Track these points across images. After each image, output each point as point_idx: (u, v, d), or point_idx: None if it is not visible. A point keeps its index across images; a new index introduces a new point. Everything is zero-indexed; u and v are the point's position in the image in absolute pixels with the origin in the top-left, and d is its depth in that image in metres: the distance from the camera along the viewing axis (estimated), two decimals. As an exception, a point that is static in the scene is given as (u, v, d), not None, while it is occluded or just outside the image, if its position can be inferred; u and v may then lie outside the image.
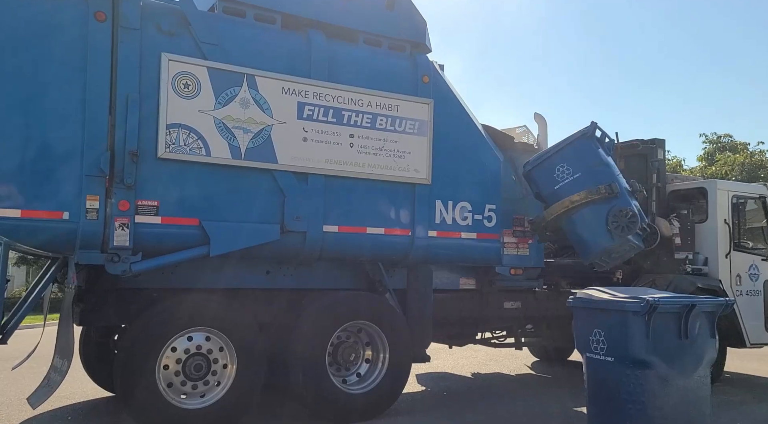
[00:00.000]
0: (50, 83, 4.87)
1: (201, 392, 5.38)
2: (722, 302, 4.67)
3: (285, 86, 5.77)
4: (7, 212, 4.68)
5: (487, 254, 6.97)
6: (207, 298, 5.51)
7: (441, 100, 6.63)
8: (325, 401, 5.81)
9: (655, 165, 9.30)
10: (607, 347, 4.50)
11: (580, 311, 4.84)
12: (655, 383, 4.30)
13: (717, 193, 9.20)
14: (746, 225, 9.55)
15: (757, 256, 9.36)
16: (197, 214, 5.37)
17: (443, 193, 6.62)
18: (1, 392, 7.41)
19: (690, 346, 4.44)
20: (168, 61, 5.25)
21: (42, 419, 6.15)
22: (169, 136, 5.23)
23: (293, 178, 5.79)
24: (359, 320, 6.09)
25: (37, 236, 4.85)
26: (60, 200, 4.85)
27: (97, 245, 4.99)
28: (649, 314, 4.26)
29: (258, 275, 6.11)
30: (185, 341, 5.34)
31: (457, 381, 8.62)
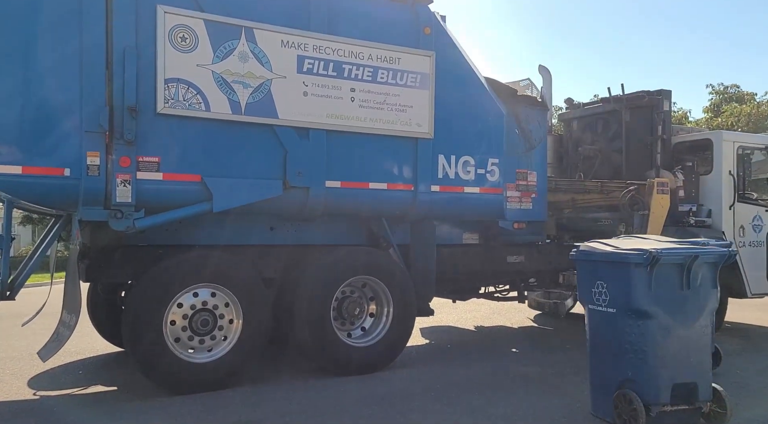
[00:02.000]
0: (46, 37, 4.78)
1: (208, 347, 5.46)
2: (725, 252, 4.63)
3: (284, 39, 5.67)
4: (8, 169, 4.67)
5: (490, 208, 6.96)
6: (212, 254, 5.53)
7: (443, 53, 6.51)
8: (330, 354, 5.89)
9: (661, 117, 9.20)
10: (609, 298, 4.52)
11: (583, 264, 4.84)
12: (656, 333, 4.32)
13: (723, 144, 9.10)
14: (751, 176, 9.51)
15: (762, 207, 9.34)
16: (199, 170, 5.35)
17: (446, 148, 6.56)
18: (13, 347, 7.57)
19: (692, 296, 4.44)
20: (164, 13, 5.15)
21: (54, 374, 6.28)
22: (168, 91, 5.16)
23: (294, 134, 5.74)
24: (363, 275, 6.13)
25: (39, 193, 4.86)
26: (61, 157, 4.82)
27: (99, 202, 4.98)
28: (652, 266, 4.26)
29: (262, 231, 6.12)
30: (191, 296, 5.39)
31: (461, 334, 8.73)
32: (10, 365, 6.64)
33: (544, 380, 5.89)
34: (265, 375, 5.92)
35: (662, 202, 8.08)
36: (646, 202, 8.06)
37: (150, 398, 5.26)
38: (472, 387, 5.60)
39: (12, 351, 7.32)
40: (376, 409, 4.95)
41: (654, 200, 8.02)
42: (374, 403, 5.10)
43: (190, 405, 5.02)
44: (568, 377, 5.94)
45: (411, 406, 5.04)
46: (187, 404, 5.05)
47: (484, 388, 5.58)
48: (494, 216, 7.12)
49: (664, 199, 8.12)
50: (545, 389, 5.58)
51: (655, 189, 8.03)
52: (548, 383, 5.78)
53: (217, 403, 5.10)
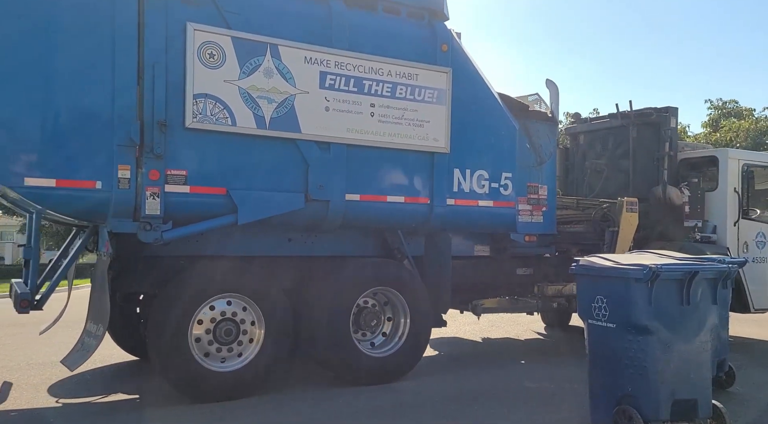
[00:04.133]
0: (80, 54, 4.91)
1: (231, 356, 5.56)
2: (725, 268, 4.62)
3: (307, 55, 5.81)
4: (43, 182, 4.79)
5: (503, 221, 7.10)
6: (234, 265, 5.65)
7: (459, 69, 6.66)
8: (349, 363, 6.00)
9: (668, 134, 9.37)
10: (609, 313, 4.49)
11: (583, 278, 4.81)
12: (656, 349, 4.30)
13: (728, 161, 9.28)
14: (753, 194, 9.67)
15: (765, 224, 9.50)
16: (224, 183, 5.47)
17: (461, 162, 6.70)
18: (32, 355, 7.66)
19: (692, 312, 4.42)
20: (193, 30, 5.29)
21: (72, 382, 6.35)
22: (196, 106, 5.30)
23: (316, 148, 5.87)
24: (381, 286, 6.25)
25: (71, 205, 4.97)
26: (92, 170, 4.94)
27: (129, 214, 5.10)
28: (652, 281, 4.25)
29: (280, 243, 6.23)
30: (215, 306, 5.50)
31: (466, 346, 8.82)
32: (30, 372, 6.71)
33: (545, 394, 5.91)
34: (276, 386, 5.97)
35: (631, 220, 8.20)
36: (617, 220, 8.23)
37: (172, 406, 5.36)
38: (475, 401, 5.63)
39: (30, 359, 7.41)
40: (382, 421, 5.07)
41: (623, 218, 8.16)
42: (383, 415, 5.22)
43: (209, 413, 5.14)
44: (569, 391, 5.92)
45: (416, 419, 5.14)
46: (206, 412, 5.16)
47: (487, 401, 5.61)
48: (507, 229, 7.25)
49: (633, 217, 8.24)
50: (546, 403, 5.59)
51: (624, 208, 8.18)
52: (549, 397, 5.79)
53: (225, 411, 5.21)
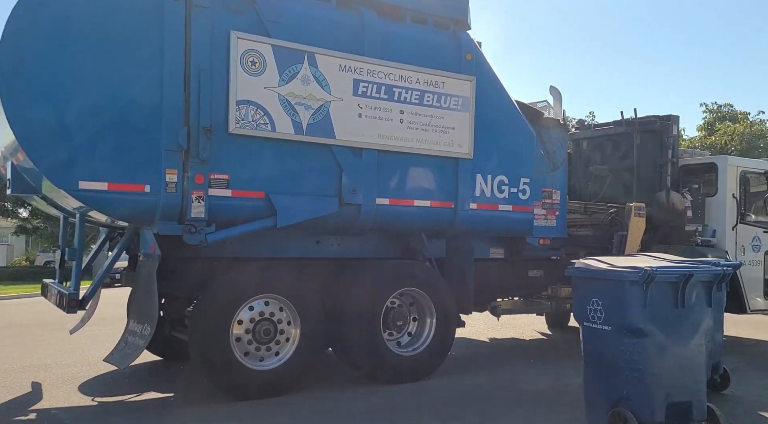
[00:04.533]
0: (132, 62, 5.04)
1: (270, 355, 5.71)
2: (719, 271, 4.61)
3: (342, 63, 5.99)
4: (96, 185, 4.90)
5: (521, 225, 7.34)
6: (272, 267, 5.81)
7: (482, 78, 6.89)
8: (380, 362, 6.18)
9: (670, 141, 9.68)
10: (605, 315, 4.47)
11: (579, 280, 4.77)
12: (652, 351, 4.28)
13: (727, 168, 9.64)
14: (749, 199, 10.04)
15: (760, 228, 9.88)
16: (263, 187, 5.63)
17: (483, 168, 6.93)
18: (61, 354, 7.81)
19: (687, 314, 4.42)
20: (237, 38, 5.43)
21: (101, 381, 6.49)
22: (239, 112, 5.44)
23: (349, 153, 6.05)
24: (410, 286, 6.44)
25: (121, 208, 5.09)
26: (142, 174, 5.07)
27: (175, 217, 5.24)
28: (647, 284, 4.24)
29: (309, 245, 6.40)
30: (254, 307, 5.65)
31: (472, 346, 8.97)
32: (60, 371, 6.80)
33: (542, 396, 5.91)
34: (316, 385, 6.09)
35: (639, 224, 8.55)
36: (625, 224, 8.55)
37: (206, 404, 5.51)
38: (473, 403, 5.67)
39: (60, 358, 7.52)
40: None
41: (632, 223, 8.51)
42: (380, 417, 5.29)
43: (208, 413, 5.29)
44: (565, 393, 5.89)
45: (413, 421, 5.21)
46: (239, 410, 5.31)
47: (484, 403, 5.64)
48: (523, 232, 7.48)
49: (641, 221, 8.60)
50: (543, 405, 5.60)
51: (633, 212, 8.53)
52: (546, 399, 5.78)
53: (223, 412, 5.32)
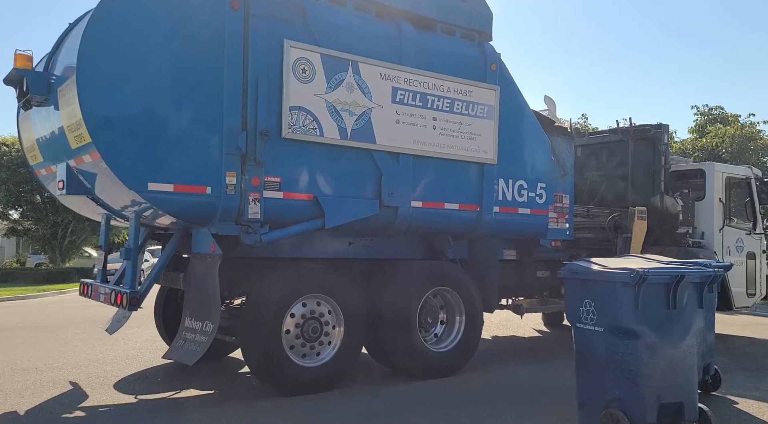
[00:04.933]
0: (196, 71, 5.23)
1: (317, 352, 5.93)
2: (710, 272, 4.64)
3: (382, 72, 6.26)
4: (163, 187, 5.08)
5: (537, 227, 7.72)
6: (317, 266, 6.03)
7: (505, 87, 7.25)
8: (414, 358, 6.45)
9: (663, 148, 10.26)
10: (597, 317, 4.48)
11: (571, 282, 4.77)
12: (643, 352, 4.29)
13: (714, 174, 10.29)
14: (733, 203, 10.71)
15: (742, 230, 10.54)
16: (311, 190, 5.86)
17: (505, 173, 7.29)
18: (95, 351, 8.02)
19: (678, 316, 4.43)
20: (290, 47, 5.66)
21: (134, 379, 6.64)
22: (291, 118, 5.66)
23: (388, 158, 6.33)
24: (443, 286, 6.74)
25: (184, 209, 5.26)
26: (204, 176, 5.26)
27: (233, 218, 5.43)
28: (639, 285, 4.25)
29: (342, 246, 6.64)
30: (301, 306, 5.86)
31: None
32: (95, 369, 6.90)
33: (535, 397, 5.96)
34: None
35: (642, 227, 9.12)
36: (629, 227, 9.08)
37: (248, 400, 5.67)
38: (466, 404, 5.66)
39: (95, 355, 7.66)
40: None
41: (635, 226, 9.06)
42: (373, 419, 5.24)
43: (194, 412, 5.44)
44: (559, 394, 5.86)
45: (405, 421, 5.22)
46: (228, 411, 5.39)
47: (478, 405, 5.63)
48: (539, 235, 7.86)
49: (643, 224, 9.16)
50: (536, 406, 5.60)
51: (636, 216, 9.07)
52: (539, 400, 5.81)
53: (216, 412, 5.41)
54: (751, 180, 10.81)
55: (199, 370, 6.61)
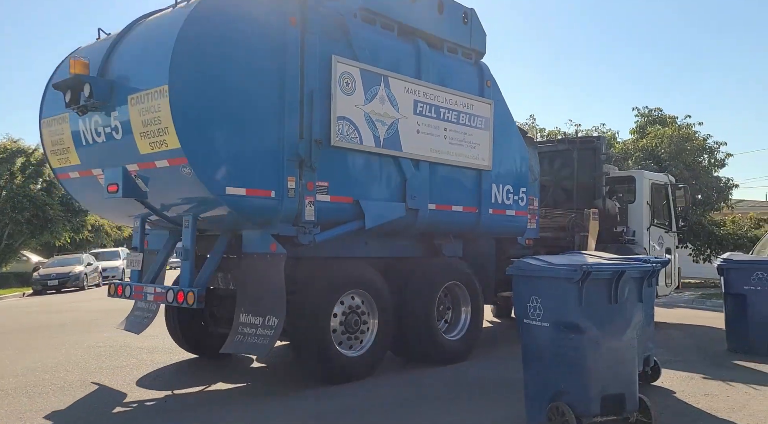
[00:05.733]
0: (265, 82, 5.60)
1: (357, 343, 6.43)
2: (649, 267, 4.77)
3: (406, 86, 6.87)
4: (238, 191, 5.40)
5: (519, 227, 8.62)
6: (356, 264, 6.53)
7: (497, 101, 8.09)
8: (434, 346, 7.09)
9: (602, 158, 11.58)
10: (543, 313, 4.54)
11: (519, 279, 4.82)
12: (587, 346, 4.37)
13: (643, 180, 11.79)
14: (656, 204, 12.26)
15: (661, 229, 12.13)
16: (353, 193, 6.36)
17: (497, 178, 8.12)
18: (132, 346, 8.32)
19: (620, 310, 4.53)
20: (336, 62, 6.13)
21: (157, 376, 6.89)
22: (338, 127, 6.14)
23: (411, 164, 6.94)
24: (455, 280, 7.44)
25: (254, 211, 5.60)
26: (269, 181, 5.63)
27: (291, 219, 5.83)
28: (583, 281, 4.31)
29: (361, 245, 7.14)
30: (345, 300, 6.34)
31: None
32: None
33: (487, 392, 6.03)
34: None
35: (595, 226, 10.40)
36: (585, 226, 10.31)
37: (281, 391, 6.05)
38: (423, 401, 5.73)
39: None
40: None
41: (591, 225, 10.31)
42: (326, 419, 5.24)
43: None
44: (510, 388, 5.97)
45: (362, 422, 5.19)
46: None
47: (433, 402, 5.70)
48: (518, 234, 8.77)
49: (596, 224, 10.46)
50: (487, 401, 5.68)
51: (591, 217, 10.33)
52: (490, 395, 5.89)
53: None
54: (668, 186, 12.45)
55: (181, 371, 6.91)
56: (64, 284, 21.13)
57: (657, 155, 19.80)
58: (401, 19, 7.03)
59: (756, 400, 5.63)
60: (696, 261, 19.78)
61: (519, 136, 8.60)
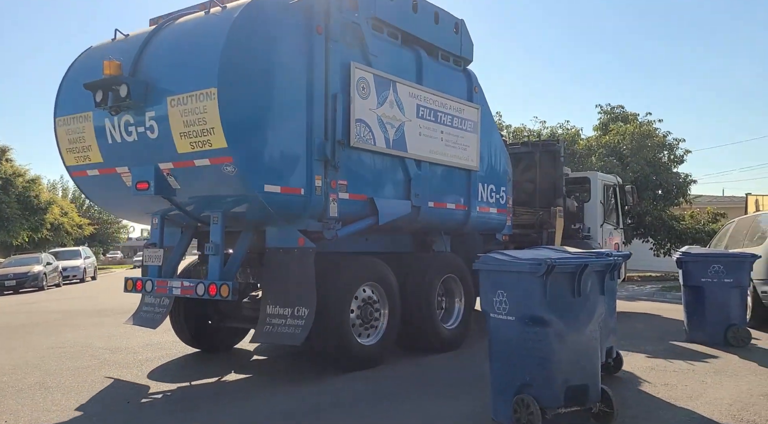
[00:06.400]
0: (298, 86, 5.95)
1: (373, 331, 6.84)
2: (611, 261, 4.84)
3: (410, 91, 7.34)
4: (274, 188, 5.72)
5: (500, 224, 9.27)
6: (371, 259, 6.94)
7: (483, 107, 8.69)
8: (434, 335, 7.58)
9: (562, 160, 12.43)
10: (509, 306, 4.61)
11: (485, 273, 4.88)
12: (552, 339, 4.44)
13: (597, 181, 12.75)
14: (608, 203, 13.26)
15: (611, 226, 13.14)
16: (366, 191, 6.77)
17: (483, 178, 8.72)
18: None
19: (583, 303, 4.59)
20: (354, 68, 6.53)
21: (168, 368, 7.02)
22: (356, 129, 6.53)
23: (414, 164, 7.41)
24: (452, 274, 7.95)
25: (286, 207, 5.92)
26: (299, 180, 5.97)
27: (317, 215, 6.19)
28: (547, 274, 4.39)
29: (361, 241, 7.55)
30: (361, 292, 6.73)
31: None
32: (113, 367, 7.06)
33: (453, 386, 6.04)
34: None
35: (561, 223, 11.25)
36: (553, 223, 11.14)
37: (288, 380, 6.35)
38: (387, 397, 5.67)
39: None
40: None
41: (557, 222, 11.14)
42: (281, 420, 5.14)
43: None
44: (475, 382, 6.00)
45: (317, 419, 5.11)
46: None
47: (398, 397, 5.65)
48: (499, 230, 9.41)
49: (561, 220, 11.30)
50: (453, 395, 5.69)
51: (557, 214, 11.17)
52: (456, 390, 5.89)
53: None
54: (617, 186, 13.49)
55: None
56: (23, 285, 20.40)
57: (619, 152, 20.22)
58: (404, 28, 7.49)
59: (712, 388, 5.88)
60: (657, 255, 20.80)
61: (500, 139, 9.24)
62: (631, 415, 4.94)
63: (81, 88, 6.18)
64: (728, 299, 8.17)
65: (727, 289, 8.17)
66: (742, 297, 8.33)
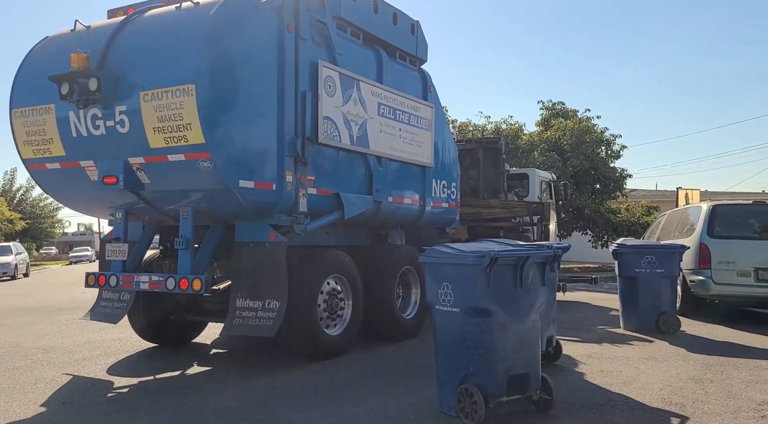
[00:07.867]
0: (272, 84, 6.04)
1: (338, 321, 7.05)
2: (551, 253, 4.98)
3: (372, 90, 7.56)
4: (248, 184, 5.81)
5: (451, 218, 9.64)
6: (335, 252, 7.12)
7: (437, 105, 9.02)
8: (393, 325, 7.86)
9: (503, 157, 12.98)
10: (454, 298, 4.69)
11: (431, 266, 4.97)
12: (495, 330, 4.55)
13: (535, 178, 13.39)
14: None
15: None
16: (332, 187, 6.95)
17: (436, 174, 9.05)
18: None
19: (525, 294, 4.71)
20: (322, 66, 6.68)
21: (130, 362, 6.95)
22: (323, 126, 6.69)
23: (376, 161, 7.65)
24: (409, 266, 8.23)
25: (258, 202, 6.01)
26: (270, 175, 6.07)
27: (287, 210, 6.32)
28: (490, 267, 4.47)
29: (321, 235, 7.71)
30: (326, 285, 6.91)
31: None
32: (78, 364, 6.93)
33: (400, 379, 6.06)
34: None
35: (554, 215, 11.87)
36: (547, 216, 11.70)
37: (249, 371, 6.44)
38: (335, 390, 5.67)
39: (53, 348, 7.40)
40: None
41: (551, 215, 11.76)
42: (230, 415, 5.00)
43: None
44: (420, 374, 6.11)
45: (262, 414, 5.00)
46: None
47: (345, 390, 5.65)
48: (449, 224, 9.78)
49: (554, 213, 11.94)
50: (400, 388, 5.72)
51: (551, 207, 11.79)
52: (403, 382, 5.92)
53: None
54: (551, 183, 14.21)
55: None
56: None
57: (560, 147, 20.89)
58: (366, 28, 7.68)
59: (645, 374, 6.20)
60: (595, 247, 21.81)
61: (451, 136, 9.61)
62: (570, 401, 5.12)
63: (40, 80, 6.06)
64: (660, 288, 8.74)
65: (659, 279, 8.75)
66: (672, 286, 8.98)
